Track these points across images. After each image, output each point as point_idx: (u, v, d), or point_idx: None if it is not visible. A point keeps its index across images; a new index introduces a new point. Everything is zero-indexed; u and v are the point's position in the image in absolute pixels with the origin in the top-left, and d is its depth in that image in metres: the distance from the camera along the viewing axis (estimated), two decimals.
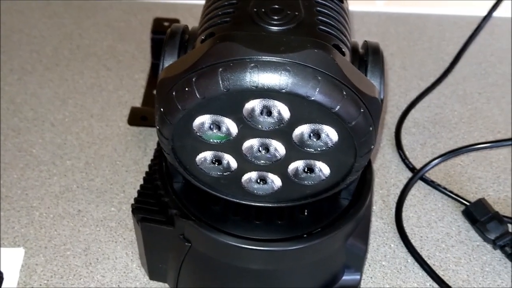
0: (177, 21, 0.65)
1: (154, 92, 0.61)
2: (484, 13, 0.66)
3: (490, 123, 0.60)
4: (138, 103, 0.60)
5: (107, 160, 0.55)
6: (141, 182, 0.53)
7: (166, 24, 0.64)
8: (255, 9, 0.33)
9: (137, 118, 0.57)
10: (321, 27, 0.33)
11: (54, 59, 0.65)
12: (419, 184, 0.54)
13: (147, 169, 0.54)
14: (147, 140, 0.57)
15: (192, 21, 0.70)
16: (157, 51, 0.63)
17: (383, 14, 0.73)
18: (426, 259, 0.49)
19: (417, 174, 0.53)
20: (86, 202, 0.52)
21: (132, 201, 0.52)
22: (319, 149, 0.34)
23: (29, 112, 0.59)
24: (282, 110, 0.32)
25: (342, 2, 0.36)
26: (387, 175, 0.55)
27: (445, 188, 0.53)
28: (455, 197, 0.53)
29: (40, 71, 0.63)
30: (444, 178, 0.55)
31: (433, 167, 0.54)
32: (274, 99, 0.32)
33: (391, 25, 0.71)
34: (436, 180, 0.54)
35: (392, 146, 0.58)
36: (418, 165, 0.55)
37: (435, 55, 0.68)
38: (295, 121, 0.33)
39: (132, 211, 0.43)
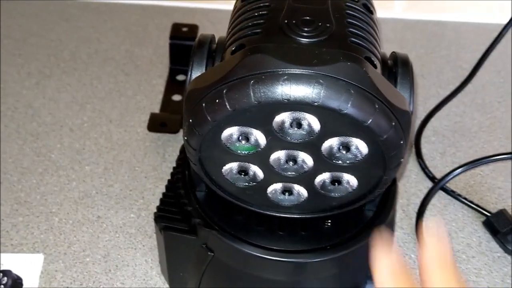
0: (195, 27, 0.65)
1: (173, 97, 0.61)
2: (502, 21, 0.65)
3: (509, 132, 0.60)
4: (156, 108, 0.60)
5: (126, 166, 0.55)
6: (160, 188, 0.53)
7: (184, 29, 0.64)
8: (286, 21, 0.33)
9: (156, 124, 0.57)
10: (352, 39, 0.33)
11: (72, 63, 0.65)
12: (439, 194, 0.54)
13: (166, 176, 0.54)
14: (165, 146, 0.57)
15: (209, 26, 0.70)
16: (175, 56, 0.63)
17: (400, 20, 0.72)
18: None
19: (438, 184, 0.53)
20: (105, 208, 0.52)
21: (151, 208, 0.52)
22: (348, 161, 0.34)
23: (47, 117, 0.59)
24: (313, 122, 0.32)
25: (372, 13, 0.36)
26: (407, 184, 0.55)
27: (465, 198, 0.53)
28: (476, 207, 0.52)
29: (58, 75, 0.63)
30: (464, 188, 0.55)
31: (454, 177, 0.54)
32: (304, 112, 0.32)
33: (408, 31, 0.71)
34: (456, 190, 0.54)
35: (412, 155, 0.57)
36: (437, 174, 0.55)
37: (453, 62, 0.67)
38: (325, 134, 0.33)
39: (155, 220, 0.43)
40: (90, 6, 0.71)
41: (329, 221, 0.40)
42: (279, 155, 0.35)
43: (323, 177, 0.35)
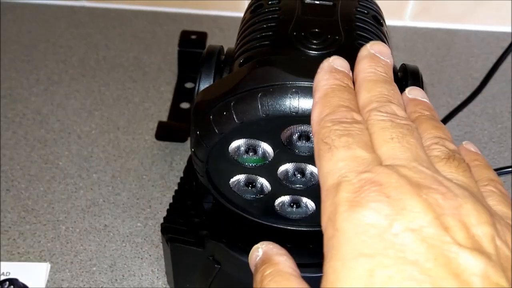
0: (204, 34, 0.65)
1: (181, 105, 0.61)
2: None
3: None
4: (164, 116, 0.60)
5: (134, 174, 0.55)
6: (168, 197, 0.53)
7: (193, 37, 0.64)
8: (294, 33, 0.33)
9: (164, 133, 0.56)
10: None
11: (81, 70, 0.65)
12: None
13: (173, 184, 0.54)
14: (173, 155, 0.57)
15: (217, 33, 0.70)
16: (183, 64, 0.63)
17: (410, 29, 0.72)
18: None
19: None
20: (112, 217, 0.52)
21: (158, 217, 0.52)
22: None
23: (55, 124, 0.59)
24: None
25: (382, 26, 0.36)
26: None
27: None
28: None
29: (66, 81, 0.63)
30: None
31: None
32: None
33: (418, 40, 0.71)
34: None
35: None
36: None
37: (464, 71, 0.67)
38: None
39: (162, 231, 0.42)
40: (98, 12, 0.71)
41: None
42: (287, 167, 0.34)
43: None
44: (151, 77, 0.64)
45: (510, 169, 0.54)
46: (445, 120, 0.60)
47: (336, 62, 0.29)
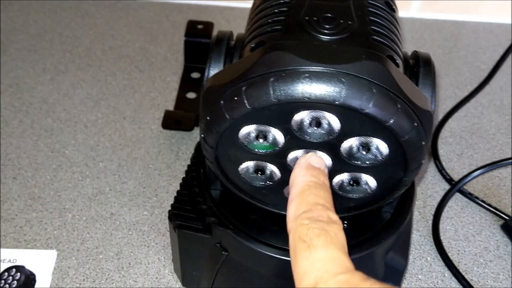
0: (211, 24, 0.65)
1: (187, 95, 0.61)
2: None
3: None
4: (170, 106, 0.60)
5: (140, 163, 0.55)
6: (174, 186, 0.53)
7: (199, 27, 0.64)
8: (306, 18, 0.32)
9: (171, 122, 0.56)
10: (374, 37, 0.32)
11: (87, 60, 0.64)
12: (456, 196, 0.53)
13: (179, 173, 0.54)
14: (179, 144, 0.57)
15: (224, 23, 0.70)
16: (190, 54, 0.63)
17: (417, 20, 0.71)
18: (463, 273, 0.48)
19: (455, 186, 0.52)
20: (119, 205, 0.52)
21: (165, 205, 0.52)
22: (367, 162, 0.33)
23: (62, 113, 0.59)
24: (333, 122, 0.31)
25: (394, 11, 0.36)
26: (423, 185, 0.54)
27: (483, 201, 0.52)
28: (494, 210, 0.52)
29: (72, 71, 0.63)
30: (482, 190, 0.54)
31: (472, 179, 0.53)
32: (325, 111, 0.31)
33: (425, 31, 0.70)
34: (473, 193, 0.53)
35: (428, 156, 0.56)
36: (455, 176, 0.54)
37: (471, 63, 0.66)
38: (344, 134, 0.32)
39: (169, 218, 0.42)
40: (105, 3, 0.71)
41: (346, 222, 0.40)
42: (297, 154, 0.34)
43: (341, 177, 0.35)
44: (157, 67, 0.64)
45: (510, 160, 0.54)
46: (452, 111, 0.60)
47: (312, 159, 0.31)
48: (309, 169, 0.30)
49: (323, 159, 0.31)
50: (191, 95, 0.61)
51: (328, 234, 0.27)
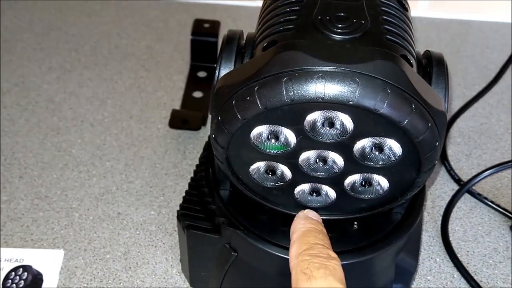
0: (217, 23, 0.64)
1: (193, 94, 0.61)
2: None
3: None
4: (176, 105, 0.60)
5: (147, 163, 0.54)
6: (181, 185, 0.53)
7: (206, 25, 0.63)
8: (319, 17, 0.32)
9: (178, 121, 0.56)
10: (388, 36, 0.32)
11: (93, 58, 0.64)
12: (465, 197, 0.53)
13: (186, 173, 0.54)
14: (186, 143, 0.56)
15: (230, 22, 0.69)
16: (196, 53, 0.63)
17: (424, 19, 0.71)
18: (472, 275, 0.47)
19: (464, 187, 0.52)
20: (126, 205, 0.51)
21: (172, 205, 0.51)
22: (380, 163, 0.33)
23: (68, 112, 0.59)
24: (346, 122, 0.31)
25: (407, 10, 0.35)
26: (432, 186, 0.54)
27: (492, 202, 0.52)
28: (503, 211, 0.51)
29: (79, 70, 0.63)
30: (490, 191, 0.54)
31: (481, 179, 0.52)
32: (338, 111, 0.31)
33: (432, 31, 0.70)
34: (482, 193, 0.53)
35: None
36: (463, 177, 0.54)
37: (479, 62, 0.66)
38: (358, 134, 0.32)
39: (178, 218, 0.42)
40: (111, 1, 0.71)
41: (356, 223, 0.40)
42: (308, 155, 0.34)
43: (354, 178, 0.34)
44: (163, 66, 0.64)
45: (510, 163, 0.53)
46: (460, 112, 0.60)
47: (310, 214, 0.35)
48: (307, 219, 0.34)
49: (319, 215, 0.35)
50: (197, 94, 0.61)
51: (327, 267, 0.30)
